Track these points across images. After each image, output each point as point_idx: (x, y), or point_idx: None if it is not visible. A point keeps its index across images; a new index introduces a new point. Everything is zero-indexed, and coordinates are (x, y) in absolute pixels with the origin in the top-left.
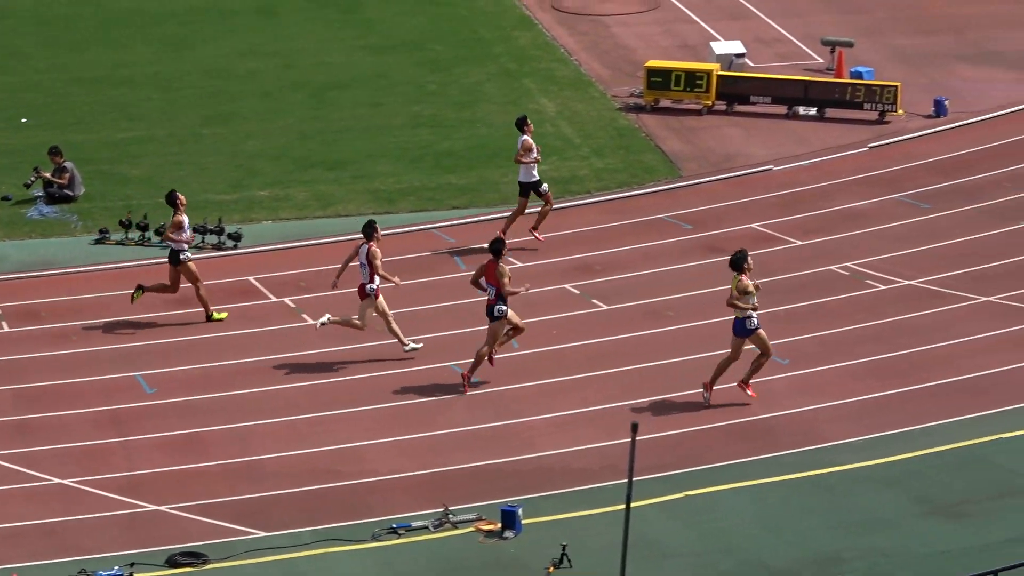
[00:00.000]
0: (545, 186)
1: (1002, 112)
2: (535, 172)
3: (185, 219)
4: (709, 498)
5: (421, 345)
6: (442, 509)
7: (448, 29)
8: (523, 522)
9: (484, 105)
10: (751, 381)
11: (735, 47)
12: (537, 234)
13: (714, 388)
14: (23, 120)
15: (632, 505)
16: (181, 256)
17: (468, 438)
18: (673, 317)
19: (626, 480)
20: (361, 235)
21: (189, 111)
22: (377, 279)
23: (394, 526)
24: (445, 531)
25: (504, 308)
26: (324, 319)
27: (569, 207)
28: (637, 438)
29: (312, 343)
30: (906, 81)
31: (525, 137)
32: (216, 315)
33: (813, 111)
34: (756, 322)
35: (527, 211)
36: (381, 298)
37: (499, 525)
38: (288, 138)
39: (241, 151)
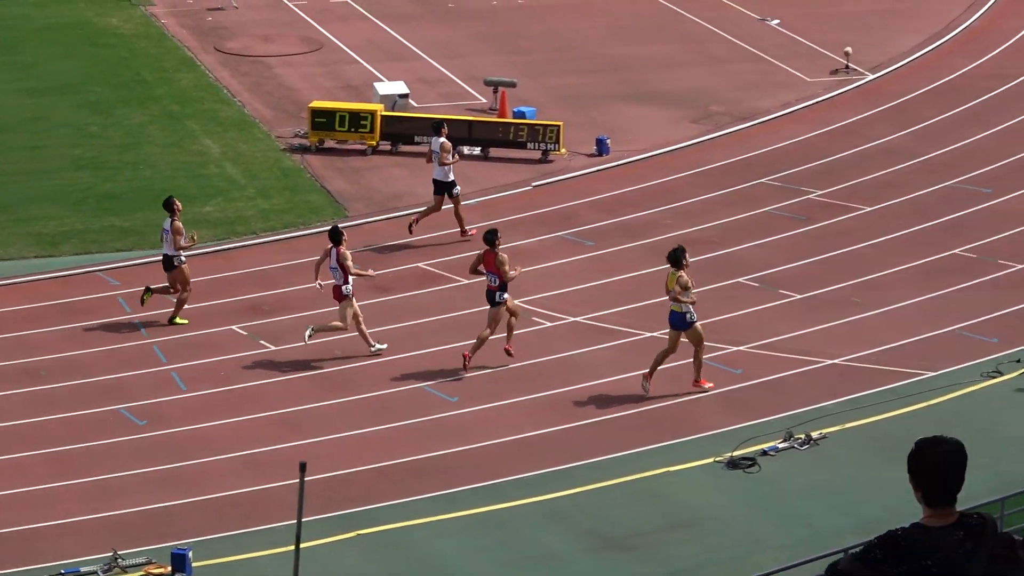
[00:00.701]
0: (458, 189)
1: (662, 151)
2: (451, 173)
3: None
4: (383, 536)
5: (386, 346)
6: (111, 553)
7: (109, 71)
8: (194, 565)
9: (147, 147)
10: (702, 375)
11: (399, 87)
12: (415, 227)
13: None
14: None
15: (304, 545)
16: (175, 261)
17: (138, 481)
18: (343, 357)
19: (296, 520)
20: (329, 241)
21: None
22: (351, 281)
23: (62, 572)
24: None
25: (506, 295)
26: (308, 332)
27: (236, 248)
28: (306, 478)
29: None
30: (568, 120)
31: (443, 139)
32: (179, 320)
33: (477, 151)
34: (695, 315)
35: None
36: (354, 298)
37: (169, 568)
38: None
39: None
